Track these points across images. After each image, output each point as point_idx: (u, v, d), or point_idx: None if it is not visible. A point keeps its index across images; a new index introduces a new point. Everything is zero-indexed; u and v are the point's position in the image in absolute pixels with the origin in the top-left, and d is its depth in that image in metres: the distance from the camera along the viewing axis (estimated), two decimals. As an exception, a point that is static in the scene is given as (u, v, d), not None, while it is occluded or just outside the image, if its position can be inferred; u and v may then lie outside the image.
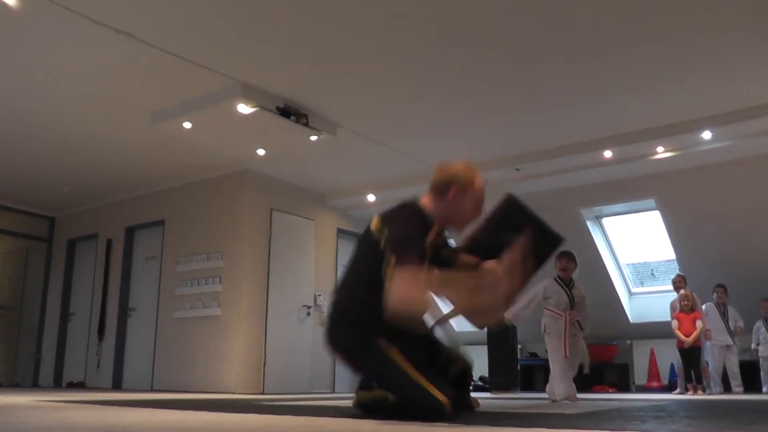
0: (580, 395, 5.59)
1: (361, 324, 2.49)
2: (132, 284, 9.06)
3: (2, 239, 9.84)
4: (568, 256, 5.52)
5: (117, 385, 8.69)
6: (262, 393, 7.42)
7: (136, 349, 8.69)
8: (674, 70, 5.38)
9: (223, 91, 5.73)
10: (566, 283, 5.47)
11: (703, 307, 7.61)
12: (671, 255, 8.48)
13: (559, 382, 5.24)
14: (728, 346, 7.53)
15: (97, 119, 6.50)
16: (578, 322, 5.42)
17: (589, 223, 8.45)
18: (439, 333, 2.73)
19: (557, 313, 5.38)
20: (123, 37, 4.80)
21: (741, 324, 7.60)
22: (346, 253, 9.42)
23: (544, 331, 5.44)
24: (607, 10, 4.53)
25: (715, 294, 7.68)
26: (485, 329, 7.98)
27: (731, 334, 7.54)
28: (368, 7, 4.49)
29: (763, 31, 4.82)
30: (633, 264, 9.19)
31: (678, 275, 7.91)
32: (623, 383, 8.95)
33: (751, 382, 7.70)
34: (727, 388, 7.54)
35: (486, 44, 5.01)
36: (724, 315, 7.62)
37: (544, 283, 5.46)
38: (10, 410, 2.82)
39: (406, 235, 2.39)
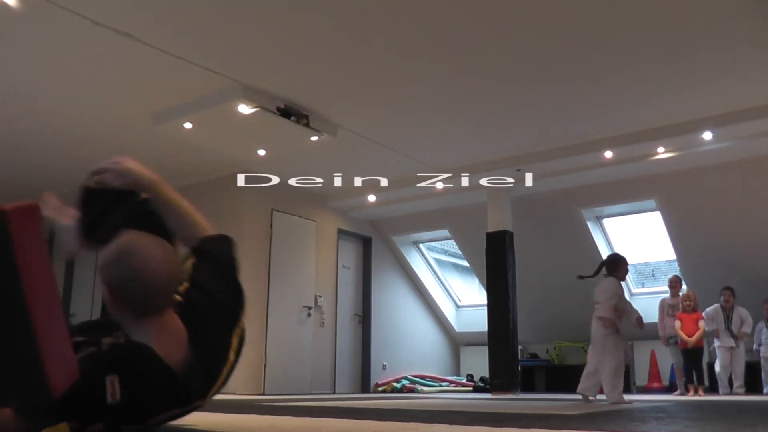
0: (579, 396, 5.58)
1: None
2: (132, 285, 9.04)
3: (3, 240, 9.82)
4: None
5: (117, 386, 8.67)
6: (263, 394, 7.41)
7: (136, 350, 8.68)
8: (675, 70, 5.38)
9: (224, 92, 5.73)
10: None
11: (709, 309, 7.57)
12: (672, 255, 8.47)
13: (619, 383, 5.34)
14: (732, 348, 7.48)
15: (97, 120, 6.50)
16: None
17: (589, 224, 8.44)
18: None
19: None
20: (123, 37, 4.80)
21: (746, 329, 7.46)
22: (347, 253, 9.44)
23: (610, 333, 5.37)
24: (607, 12, 4.53)
25: (721, 296, 7.60)
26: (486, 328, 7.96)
27: (734, 337, 7.48)
28: (369, 8, 4.49)
29: (763, 32, 4.82)
30: (634, 264, 9.18)
31: (674, 276, 7.89)
32: (623, 384, 8.91)
33: (753, 383, 7.68)
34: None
35: (486, 45, 5.01)
36: (728, 318, 7.51)
37: (614, 286, 5.33)
38: (10, 411, 2.81)
39: None
